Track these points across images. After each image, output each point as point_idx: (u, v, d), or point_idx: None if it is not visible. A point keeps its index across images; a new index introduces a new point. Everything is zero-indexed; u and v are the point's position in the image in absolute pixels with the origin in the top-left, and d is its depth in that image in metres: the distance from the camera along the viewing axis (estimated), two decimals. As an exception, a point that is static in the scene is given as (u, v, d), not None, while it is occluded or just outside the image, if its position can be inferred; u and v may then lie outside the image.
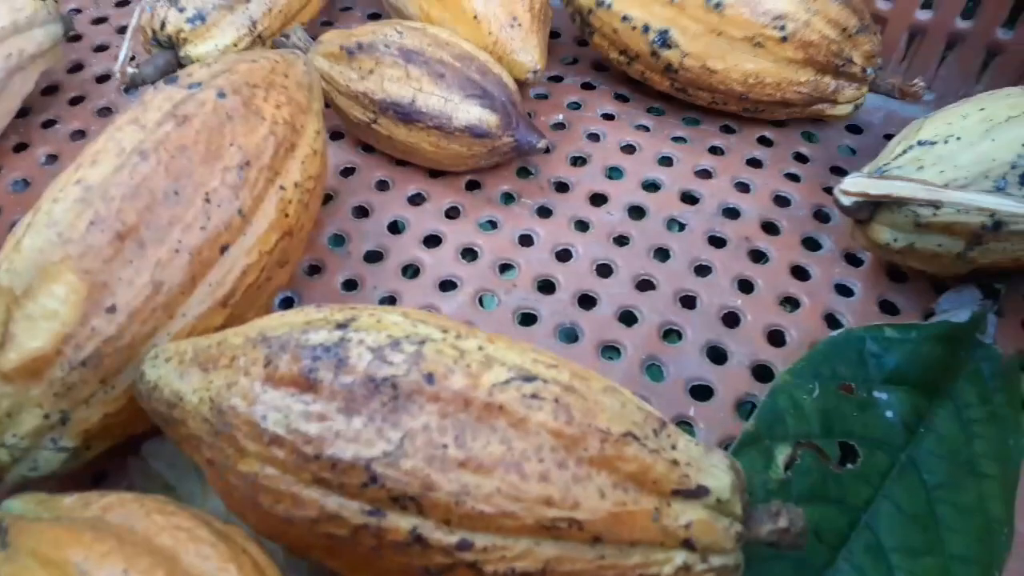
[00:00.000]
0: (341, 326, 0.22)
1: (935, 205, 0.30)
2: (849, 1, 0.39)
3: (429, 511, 0.20)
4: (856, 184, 0.32)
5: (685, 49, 0.40)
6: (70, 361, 0.25)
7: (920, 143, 0.33)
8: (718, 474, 0.22)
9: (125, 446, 0.29)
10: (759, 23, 0.39)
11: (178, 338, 0.27)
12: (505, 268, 0.38)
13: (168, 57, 0.39)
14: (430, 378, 0.21)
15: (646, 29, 0.41)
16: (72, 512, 0.22)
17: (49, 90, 0.45)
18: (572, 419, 0.21)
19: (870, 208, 0.33)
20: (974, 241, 0.32)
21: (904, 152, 0.33)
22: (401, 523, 0.20)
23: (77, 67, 0.46)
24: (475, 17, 0.40)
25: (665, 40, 0.41)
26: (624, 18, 0.41)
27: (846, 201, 0.32)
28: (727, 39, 0.39)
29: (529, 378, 0.22)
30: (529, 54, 0.41)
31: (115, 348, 0.26)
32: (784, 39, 0.39)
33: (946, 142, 0.32)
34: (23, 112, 0.43)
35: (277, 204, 0.30)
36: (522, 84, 0.42)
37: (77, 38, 0.48)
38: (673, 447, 0.22)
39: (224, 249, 0.28)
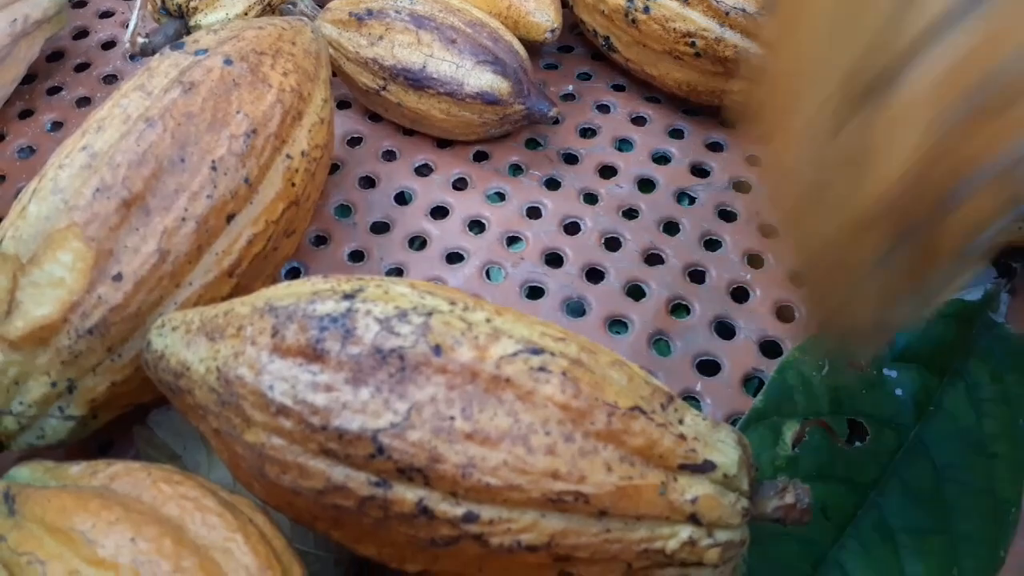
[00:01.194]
0: (348, 296, 0.22)
1: None
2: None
3: (435, 483, 0.20)
4: None
5: (625, 54, 0.42)
6: (76, 329, 0.25)
7: None
8: (725, 449, 0.22)
9: (132, 415, 0.29)
10: (671, 39, 0.38)
11: (185, 307, 0.27)
12: (513, 240, 0.37)
13: (177, 26, 0.39)
14: (437, 350, 0.21)
15: (595, 33, 0.43)
16: (79, 480, 0.23)
17: (54, 56, 0.44)
18: (579, 392, 0.21)
19: None
20: None
21: None
22: (408, 495, 0.20)
23: (82, 33, 0.46)
24: None
25: (610, 45, 0.42)
26: (581, 20, 0.43)
27: None
28: (651, 50, 0.40)
29: (537, 351, 0.21)
30: (545, 14, 0.41)
31: (122, 317, 0.25)
32: (698, 55, 0.38)
33: None
34: (28, 78, 0.42)
35: (284, 173, 0.29)
36: (540, 45, 0.42)
37: (82, 4, 0.47)
38: (680, 421, 0.22)
39: (230, 218, 0.28)
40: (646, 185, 0.39)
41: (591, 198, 0.39)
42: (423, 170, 0.40)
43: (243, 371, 0.22)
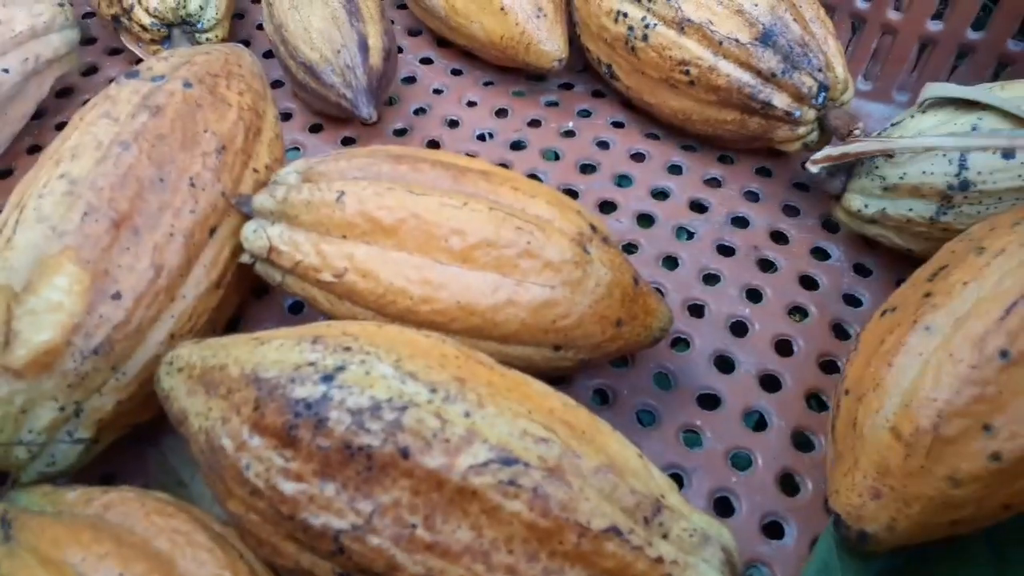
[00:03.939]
0: (327, 378, 0.22)
1: (888, 154, 0.33)
2: (775, 42, 0.37)
3: None
4: (821, 153, 0.35)
5: (625, 83, 0.43)
6: (81, 350, 0.25)
7: None
8: (707, 573, 0.21)
9: (135, 447, 0.29)
10: (667, 67, 0.39)
11: (181, 320, 0.28)
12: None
13: (185, 30, 0.43)
14: (405, 452, 0.20)
15: (598, 62, 0.44)
16: (75, 507, 0.23)
17: (63, 93, 0.45)
18: (548, 512, 0.20)
19: (843, 180, 0.35)
20: (945, 203, 0.33)
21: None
22: None
23: (92, 70, 0.47)
24: (502, 8, 0.42)
25: (612, 73, 0.43)
26: (587, 48, 0.44)
27: (814, 169, 0.35)
28: (649, 78, 0.41)
29: (509, 461, 0.21)
30: (555, 43, 0.42)
31: (124, 334, 0.26)
32: (691, 83, 0.39)
33: None
34: (38, 114, 0.43)
35: (253, 186, 0.31)
36: (546, 74, 0.44)
37: (91, 41, 0.48)
38: (664, 536, 0.21)
39: (213, 231, 0.29)
40: (645, 220, 0.40)
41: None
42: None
43: (226, 442, 0.22)
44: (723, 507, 0.30)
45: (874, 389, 0.26)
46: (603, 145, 0.43)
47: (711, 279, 0.37)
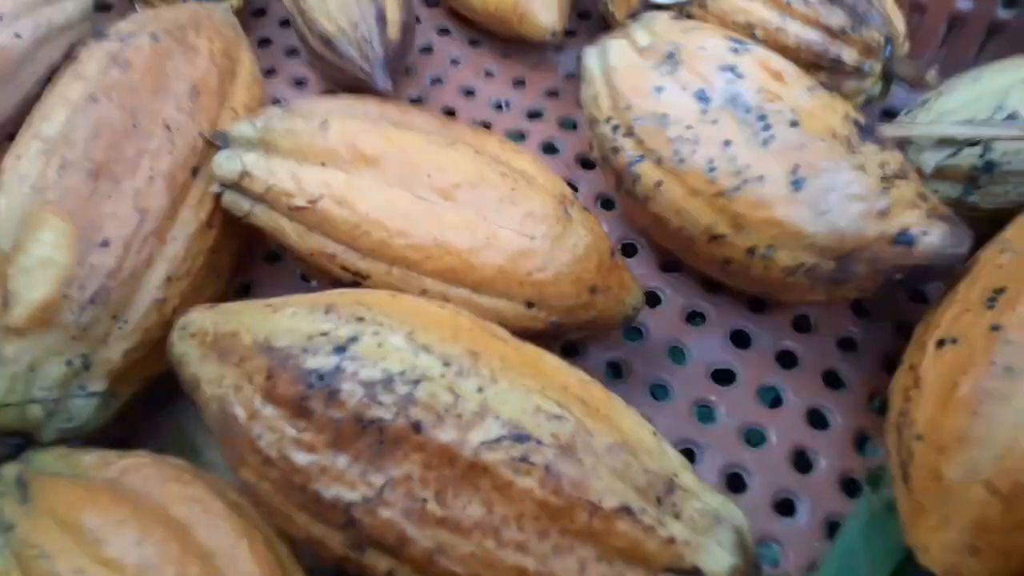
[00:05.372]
0: (340, 349, 0.21)
1: (907, 141, 0.32)
2: None
3: (405, 559, 0.20)
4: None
5: None
6: (78, 302, 0.25)
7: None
8: (718, 554, 0.21)
9: (151, 408, 0.29)
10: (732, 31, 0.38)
11: (176, 263, 0.28)
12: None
13: None
14: (418, 426, 0.20)
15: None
16: (91, 471, 0.23)
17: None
18: (560, 490, 0.20)
19: None
20: (971, 184, 0.32)
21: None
22: (380, 562, 0.21)
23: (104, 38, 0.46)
24: None
25: None
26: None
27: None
28: None
29: (522, 437, 0.20)
30: (550, 15, 0.41)
31: (119, 280, 0.26)
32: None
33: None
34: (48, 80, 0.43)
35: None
36: (540, 45, 0.43)
37: (106, 8, 0.48)
38: (676, 516, 0.21)
39: (195, 171, 0.29)
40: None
41: (608, 204, 0.39)
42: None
43: (239, 411, 0.22)
44: (735, 483, 0.30)
45: (959, 441, 0.24)
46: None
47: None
